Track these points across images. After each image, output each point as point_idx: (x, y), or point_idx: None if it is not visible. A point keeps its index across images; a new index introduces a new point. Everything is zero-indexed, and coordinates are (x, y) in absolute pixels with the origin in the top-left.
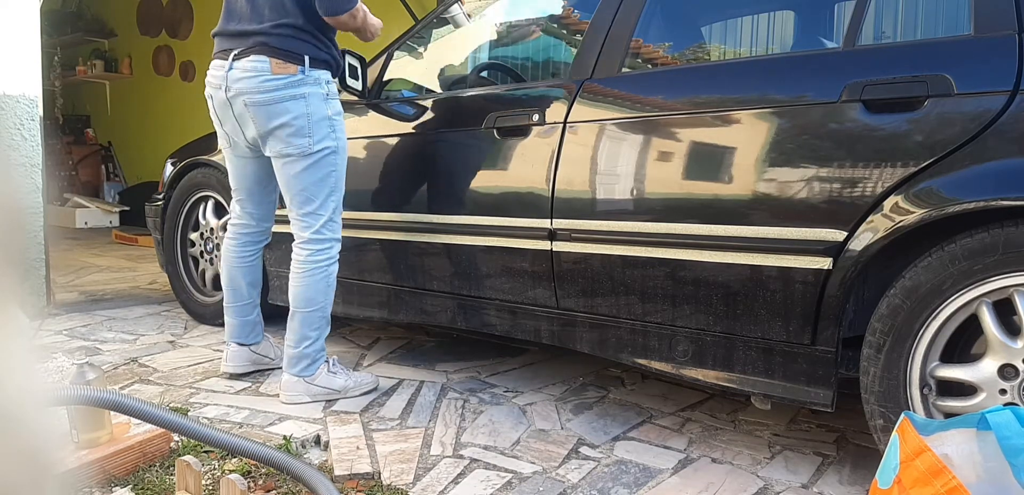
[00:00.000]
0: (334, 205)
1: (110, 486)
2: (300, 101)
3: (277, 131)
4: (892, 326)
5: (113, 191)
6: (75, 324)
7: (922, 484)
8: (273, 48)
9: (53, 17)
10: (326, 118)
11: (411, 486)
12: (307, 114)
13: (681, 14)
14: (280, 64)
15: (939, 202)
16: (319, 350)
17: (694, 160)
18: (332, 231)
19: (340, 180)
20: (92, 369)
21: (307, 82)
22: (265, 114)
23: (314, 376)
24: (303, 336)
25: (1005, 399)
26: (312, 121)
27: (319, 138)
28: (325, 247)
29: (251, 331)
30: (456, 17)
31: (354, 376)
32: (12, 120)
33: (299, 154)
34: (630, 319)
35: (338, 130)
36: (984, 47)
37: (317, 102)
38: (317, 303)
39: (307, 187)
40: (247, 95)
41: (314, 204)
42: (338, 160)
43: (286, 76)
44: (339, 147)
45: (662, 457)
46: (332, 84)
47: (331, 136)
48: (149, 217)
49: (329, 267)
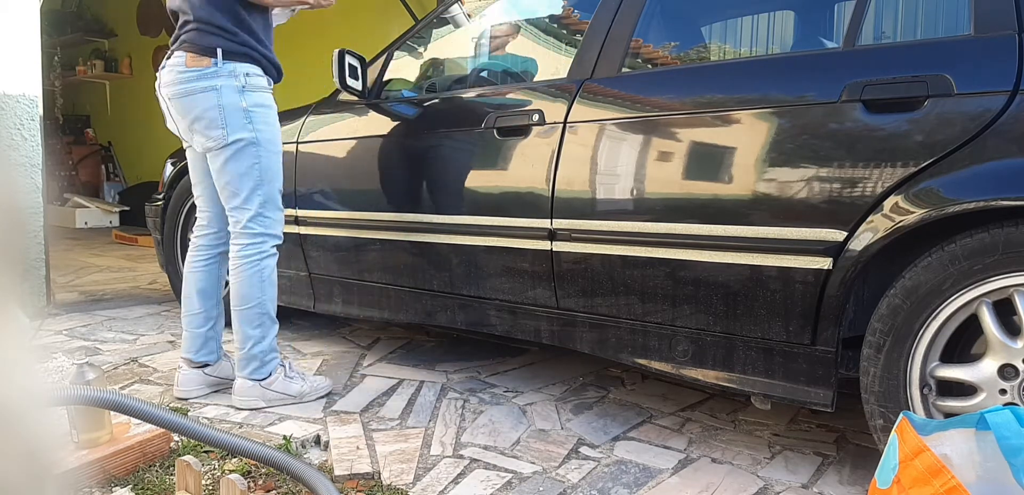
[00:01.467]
0: (262, 199)
1: (110, 486)
2: (212, 93)
3: (194, 124)
4: (892, 326)
5: (113, 191)
6: (75, 324)
7: (921, 484)
8: (190, 44)
9: (53, 17)
10: (241, 109)
11: (411, 486)
12: (219, 106)
13: (681, 14)
14: (194, 57)
15: (939, 202)
16: (268, 351)
17: (694, 160)
18: (262, 225)
19: (267, 173)
20: (92, 369)
21: (220, 74)
22: (180, 108)
23: (270, 381)
24: (246, 336)
25: (1005, 399)
26: (225, 112)
27: (234, 129)
28: (255, 242)
29: (201, 347)
30: (456, 17)
31: (310, 380)
32: (12, 120)
33: (216, 146)
34: (630, 319)
35: (257, 122)
36: (984, 47)
37: (230, 94)
38: (252, 300)
39: (231, 181)
40: (169, 90)
41: (239, 198)
42: (260, 152)
43: (198, 69)
44: (259, 139)
45: (662, 457)
46: (254, 77)
47: (247, 127)
48: (149, 217)
49: (260, 262)
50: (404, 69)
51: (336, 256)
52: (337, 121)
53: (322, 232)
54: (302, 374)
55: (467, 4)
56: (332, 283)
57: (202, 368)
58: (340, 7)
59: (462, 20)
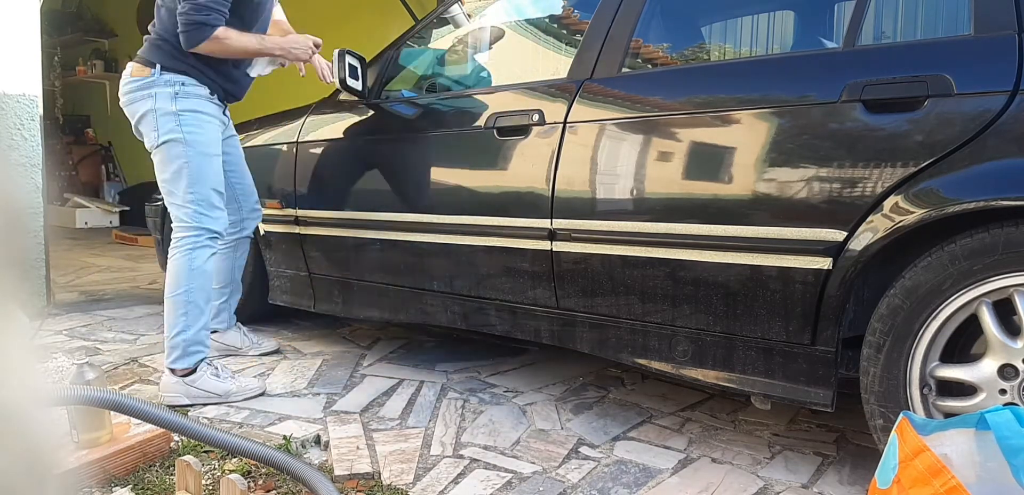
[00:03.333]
0: (194, 196)
1: (110, 486)
2: (148, 99)
3: (138, 127)
4: (892, 326)
5: (113, 191)
6: (75, 324)
7: (921, 484)
8: (140, 55)
9: (53, 17)
10: (171, 113)
11: (411, 486)
12: (154, 110)
13: (681, 14)
14: (138, 68)
15: (939, 202)
16: (192, 343)
17: (694, 160)
18: (197, 220)
19: (196, 173)
20: (92, 369)
21: (157, 84)
22: (128, 112)
23: (194, 377)
24: (171, 323)
25: (1005, 399)
26: (158, 115)
27: (164, 131)
28: (190, 234)
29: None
30: (456, 17)
31: (239, 380)
32: (12, 120)
33: (153, 147)
34: (630, 319)
35: (186, 125)
36: (984, 47)
37: (164, 100)
38: (179, 286)
39: (165, 181)
40: (120, 97)
41: (175, 195)
42: (187, 152)
43: (139, 78)
44: (187, 139)
45: (662, 457)
46: (190, 86)
47: (176, 129)
48: (149, 217)
49: (191, 252)
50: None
51: (336, 256)
52: (337, 121)
53: (322, 232)
54: (233, 375)
55: (467, 4)
56: (332, 283)
57: (212, 334)
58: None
59: (462, 20)
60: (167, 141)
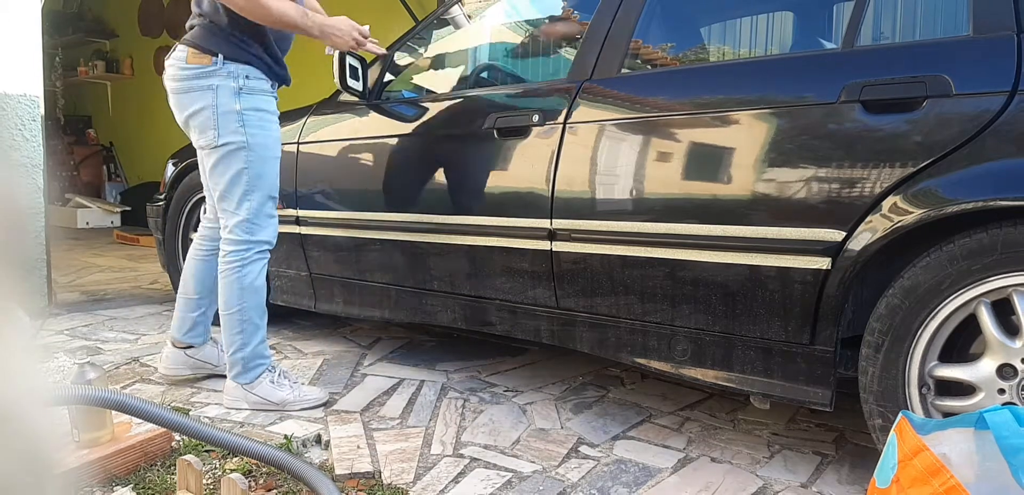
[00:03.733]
0: (251, 206)
1: (111, 485)
2: (208, 93)
3: (189, 121)
4: (891, 326)
5: (114, 191)
6: (76, 324)
7: (920, 483)
8: (194, 40)
9: (54, 18)
10: (234, 112)
11: (411, 485)
12: (214, 106)
13: (680, 15)
14: (196, 54)
15: (938, 202)
16: (253, 357)
17: (693, 160)
18: (249, 232)
19: (257, 180)
20: (93, 369)
21: (218, 74)
22: (176, 103)
23: (254, 385)
24: (230, 340)
25: (1003, 399)
26: (218, 113)
27: (225, 132)
28: (239, 248)
29: (189, 329)
30: (456, 17)
31: (301, 390)
32: (14, 120)
33: (208, 147)
34: (630, 319)
35: (250, 126)
36: (983, 47)
37: (226, 96)
38: (232, 306)
39: (220, 184)
40: (169, 84)
41: (228, 202)
42: (250, 157)
43: (197, 66)
44: (251, 143)
45: (661, 456)
46: (254, 80)
47: (239, 131)
48: (150, 217)
49: (242, 270)
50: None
51: (337, 256)
52: (338, 122)
53: (323, 232)
54: (294, 383)
55: (467, 4)
56: (333, 283)
57: (186, 349)
58: (340, 8)
59: (462, 20)
60: (227, 144)
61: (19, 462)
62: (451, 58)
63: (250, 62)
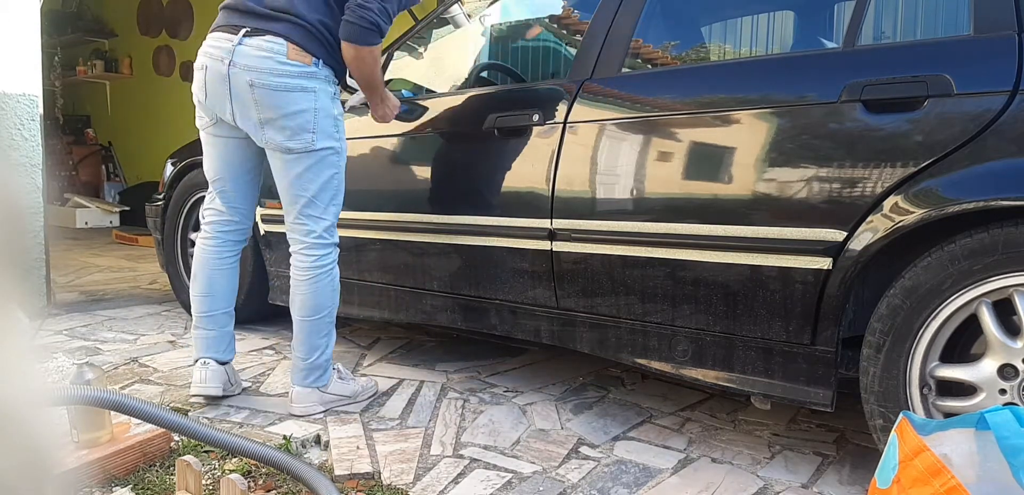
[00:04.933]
0: (336, 210)
1: (110, 486)
2: (310, 94)
3: (281, 121)
4: (892, 326)
5: (113, 191)
6: (75, 324)
7: (921, 484)
8: (292, 36)
9: (53, 17)
10: (333, 117)
11: (411, 486)
12: (315, 109)
13: (681, 14)
14: (297, 50)
15: (939, 202)
16: (329, 359)
17: (694, 160)
18: (334, 236)
19: (342, 183)
20: (92, 369)
21: (319, 76)
22: (272, 99)
23: (327, 385)
24: (313, 346)
25: (1005, 399)
26: (319, 117)
27: (322, 136)
28: (330, 252)
29: (228, 345)
30: (456, 17)
31: (360, 381)
32: (12, 120)
33: (302, 150)
34: (630, 319)
35: (342, 131)
36: (984, 47)
37: (326, 99)
38: (324, 308)
39: (309, 189)
40: (256, 74)
41: (317, 208)
42: (340, 162)
43: (301, 65)
44: (341, 148)
45: (662, 457)
46: (335, 89)
47: (335, 136)
48: (149, 217)
49: (333, 271)
50: (404, 69)
51: None
52: None
53: None
54: (350, 374)
55: (467, 4)
56: None
57: (224, 366)
58: None
59: (462, 20)
60: (326, 148)
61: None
62: (451, 57)
63: (338, 72)
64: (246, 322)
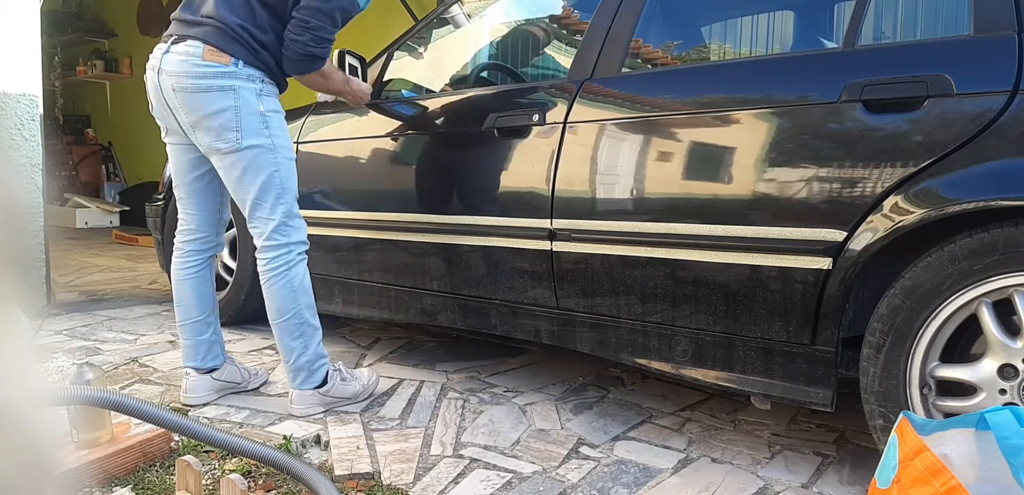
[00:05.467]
0: (285, 209)
1: (110, 486)
2: (228, 93)
3: (205, 122)
4: (892, 326)
5: (113, 191)
6: (75, 324)
7: (921, 484)
8: (208, 38)
9: (53, 17)
10: (258, 114)
11: (411, 486)
12: (235, 107)
13: (681, 14)
14: (213, 52)
15: (939, 202)
16: (315, 358)
17: (694, 160)
18: (286, 235)
19: (287, 180)
20: (92, 369)
21: (239, 76)
22: (189, 102)
23: (326, 387)
24: (288, 348)
25: (1005, 399)
26: (240, 114)
27: (248, 134)
28: (280, 252)
29: (206, 353)
30: (456, 17)
31: (362, 380)
32: (12, 120)
33: (230, 150)
34: (630, 319)
35: (273, 128)
36: (984, 47)
37: (248, 96)
38: (287, 311)
39: (250, 190)
40: (177, 78)
41: (263, 209)
42: (277, 159)
43: (216, 65)
44: (276, 145)
45: (662, 457)
46: (268, 85)
47: (264, 133)
48: (149, 217)
49: (288, 272)
50: (404, 69)
51: (336, 256)
52: (337, 121)
53: (322, 232)
54: (353, 373)
55: (467, 4)
56: (332, 283)
57: (210, 373)
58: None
59: (462, 20)
60: (253, 146)
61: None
62: (451, 57)
63: (263, 70)
64: (246, 322)
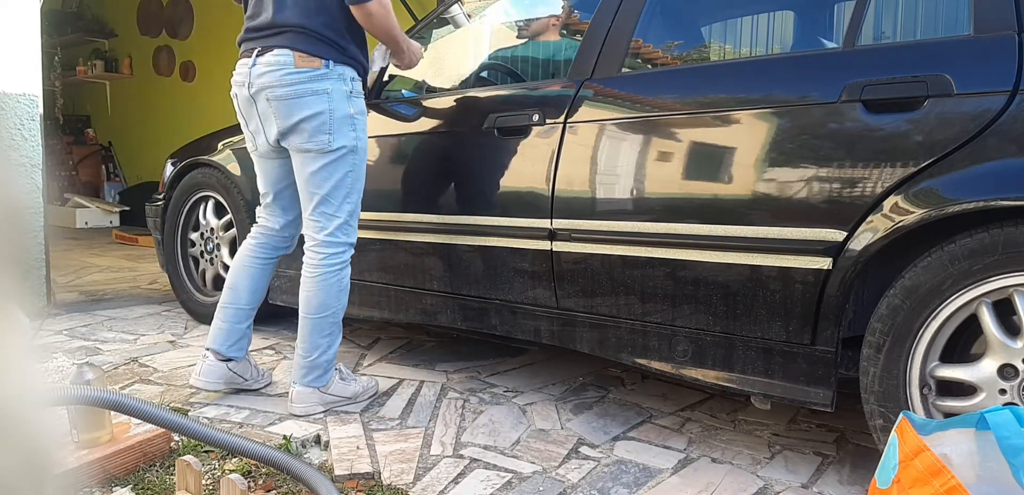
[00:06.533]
0: (350, 208)
1: (110, 486)
2: (322, 97)
3: (300, 125)
4: (892, 326)
5: (113, 191)
6: (75, 324)
7: (921, 484)
8: (295, 45)
9: (53, 17)
10: (348, 116)
11: (411, 486)
12: (329, 110)
13: (681, 14)
14: (303, 57)
15: (939, 202)
16: (331, 359)
17: (694, 160)
18: (346, 235)
19: (358, 182)
20: (92, 369)
21: (330, 77)
22: (286, 108)
23: (328, 385)
24: (314, 344)
25: (1005, 399)
26: (334, 118)
27: (339, 136)
28: (339, 251)
29: (234, 343)
30: (456, 17)
31: (362, 381)
32: (12, 120)
33: (318, 151)
34: (630, 319)
35: (359, 129)
36: (984, 47)
37: (339, 99)
38: (329, 308)
39: (323, 186)
40: (269, 89)
41: (331, 205)
42: (357, 161)
43: (309, 70)
44: (359, 147)
45: (662, 457)
46: (357, 82)
47: (351, 135)
48: (149, 217)
49: (342, 271)
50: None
51: None
52: None
53: None
54: (352, 374)
55: (467, 4)
56: None
57: (227, 362)
58: None
59: (462, 20)
60: (340, 148)
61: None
62: (451, 57)
63: (352, 65)
64: None
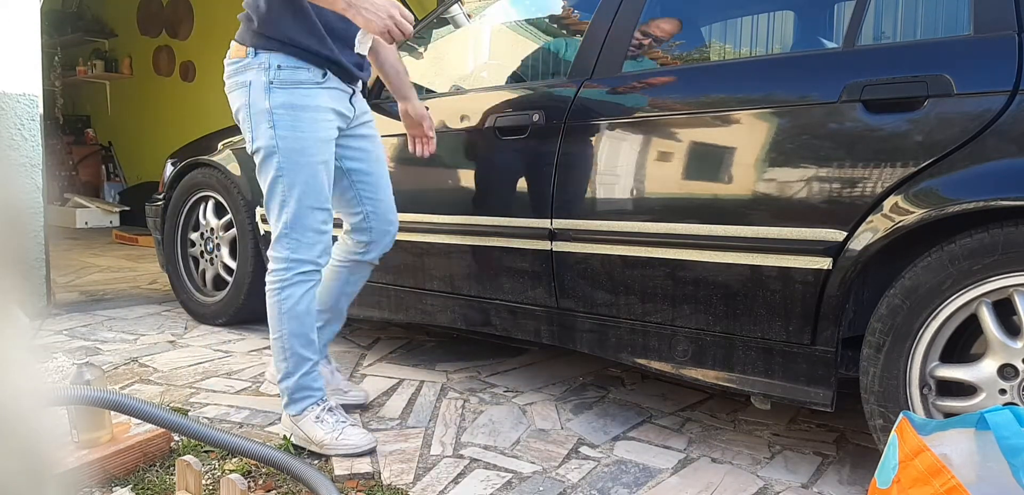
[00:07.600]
0: (288, 218)
1: (110, 486)
2: (243, 90)
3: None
4: (892, 326)
5: (113, 191)
6: (75, 324)
7: (921, 484)
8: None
9: (53, 17)
10: (264, 111)
11: (411, 486)
12: (248, 104)
13: (681, 14)
14: (235, 47)
15: (939, 202)
16: (297, 389)
17: (694, 160)
18: (289, 249)
19: (291, 188)
20: (92, 369)
21: (251, 67)
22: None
23: (300, 418)
24: (276, 366)
25: (1005, 399)
26: (252, 113)
27: (257, 135)
28: (278, 268)
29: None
30: (456, 17)
31: (344, 431)
32: (12, 120)
33: (251, 152)
34: (630, 319)
35: (281, 127)
36: (984, 47)
37: (258, 92)
38: (275, 332)
39: (264, 193)
40: None
41: (271, 214)
42: (280, 162)
43: (236, 60)
44: (280, 146)
45: (662, 457)
46: (287, 71)
47: (268, 133)
48: (149, 217)
49: (280, 293)
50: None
51: None
52: None
53: None
54: (340, 422)
55: (467, 4)
56: None
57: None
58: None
59: (462, 20)
60: (258, 148)
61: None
62: (451, 57)
63: (281, 49)
64: (246, 322)
